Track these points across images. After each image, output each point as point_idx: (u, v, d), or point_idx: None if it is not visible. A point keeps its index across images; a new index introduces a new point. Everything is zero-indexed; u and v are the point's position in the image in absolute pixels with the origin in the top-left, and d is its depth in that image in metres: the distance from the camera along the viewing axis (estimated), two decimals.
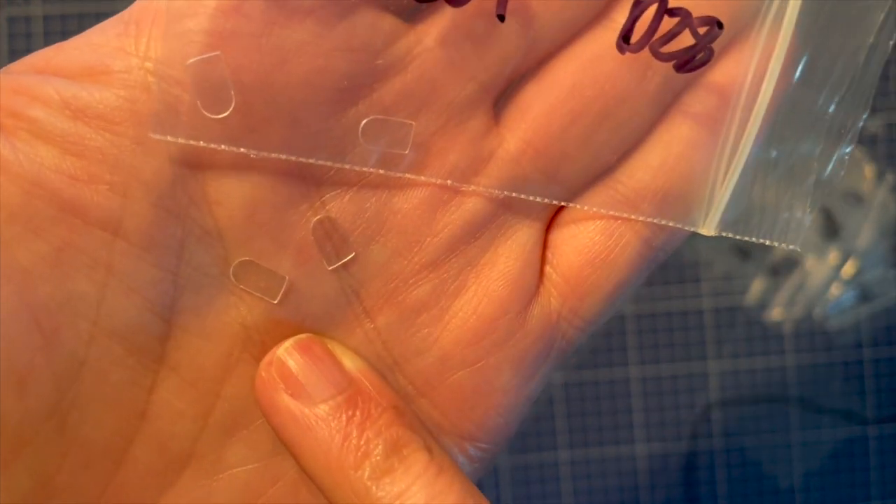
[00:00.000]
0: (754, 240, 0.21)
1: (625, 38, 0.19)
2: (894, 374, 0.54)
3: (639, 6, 0.19)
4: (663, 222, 0.21)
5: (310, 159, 0.20)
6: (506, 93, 0.21)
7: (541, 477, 0.52)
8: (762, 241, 0.21)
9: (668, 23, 0.19)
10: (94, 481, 0.20)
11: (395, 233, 0.21)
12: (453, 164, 0.21)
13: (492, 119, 0.21)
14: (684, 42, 0.19)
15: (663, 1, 0.19)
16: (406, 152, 0.20)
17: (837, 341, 0.53)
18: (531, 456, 0.52)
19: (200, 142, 0.19)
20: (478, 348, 0.21)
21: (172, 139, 0.19)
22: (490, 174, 0.21)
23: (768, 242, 0.21)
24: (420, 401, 0.22)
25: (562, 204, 0.21)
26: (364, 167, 0.20)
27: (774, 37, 0.20)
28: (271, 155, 0.19)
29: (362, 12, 0.19)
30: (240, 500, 0.21)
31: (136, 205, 0.19)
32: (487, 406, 0.22)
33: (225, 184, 0.20)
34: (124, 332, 0.20)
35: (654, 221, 0.21)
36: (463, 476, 0.20)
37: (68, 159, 0.19)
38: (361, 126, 0.20)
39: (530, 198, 0.21)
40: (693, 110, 0.21)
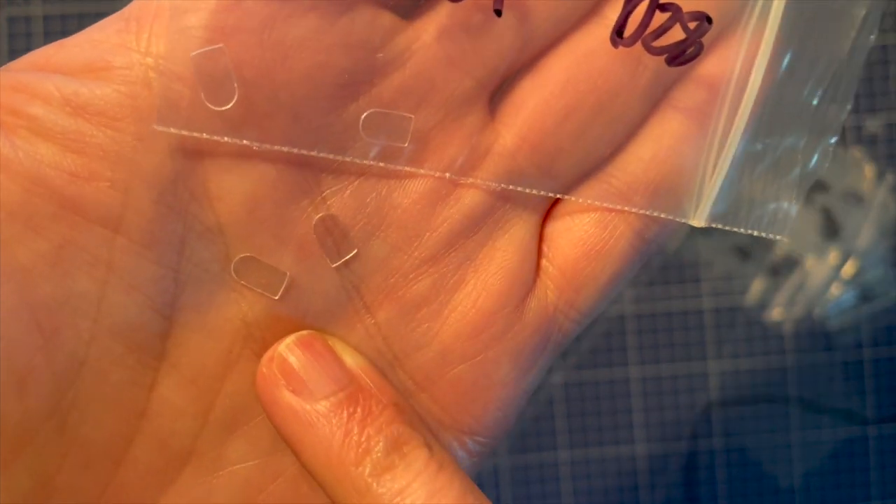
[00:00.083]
0: (742, 231, 0.22)
1: (618, 32, 0.20)
2: (894, 374, 0.54)
3: (631, 1, 0.19)
4: (655, 214, 0.22)
5: (311, 152, 0.20)
6: (501, 89, 0.21)
7: (541, 477, 0.52)
8: (750, 231, 0.22)
9: (659, 18, 0.19)
10: (95, 481, 0.20)
11: (395, 228, 0.21)
12: (451, 158, 0.21)
13: (488, 115, 0.21)
14: (675, 36, 0.20)
15: None
16: (406, 145, 0.20)
17: (837, 341, 0.53)
18: (531, 456, 0.52)
19: (203, 134, 0.19)
20: (477, 342, 0.21)
21: (176, 131, 0.19)
22: (487, 169, 0.21)
23: (756, 233, 0.22)
24: (420, 396, 0.22)
25: (557, 196, 0.22)
26: (364, 160, 0.20)
27: (760, 32, 0.21)
28: (273, 147, 0.20)
29: (361, 9, 0.19)
30: (240, 496, 0.21)
31: (138, 201, 0.19)
32: (486, 400, 0.22)
33: (226, 179, 0.20)
34: (125, 331, 0.20)
35: (647, 213, 0.22)
36: (463, 473, 0.20)
37: (69, 156, 0.19)
38: (362, 119, 0.20)
39: (527, 190, 0.21)
40: (682, 105, 0.21)
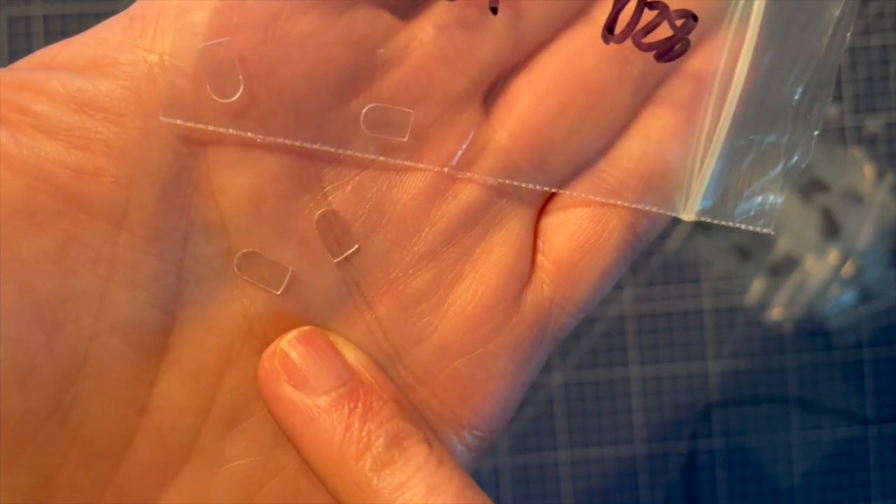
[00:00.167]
0: (730, 224, 0.22)
1: (609, 29, 0.20)
2: (894, 374, 0.54)
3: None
4: (646, 208, 0.22)
5: (314, 145, 0.20)
6: (495, 88, 0.21)
7: (541, 477, 0.52)
8: (738, 225, 0.22)
9: (647, 15, 0.20)
10: (96, 479, 0.20)
11: (395, 223, 0.21)
12: (449, 154, 0.21)
13: (482, 113, 0.21)
14: (663, 34, 0.20)
15: None
16: (405, 139, 0.21)
17: (837, 341, 0.53)
18: (531, 456, 0.52)
19: (209, 126, 0.19)
20: (476, 335, 0.22)
21: (181, 122, 0.19)
22: (483, 164, 0.21)
23: (743, 226, 0.22)
24: (420, 390, 0.22)
25: (551, 191, 0.22)
26: (365, 154, 0.21)
27: (743, 30, 0.21)
28: (277, 140, 0.20)
29: (361, 8, 0.20)
30: (241, 492, 0.22)
31: (141, 196, 0.19)
32: (485, 393, 0.22)
33: (229, 175, 0.20)
34: (127, 327, 0.20)
35: (639, 207, 0.22)
36: (462, 469, 0.20)
37: (73, 153, 0.19)
38: (363, 113, 0.20)
39: (522, 185, 0.22)
40: (670, 102, 0.22)
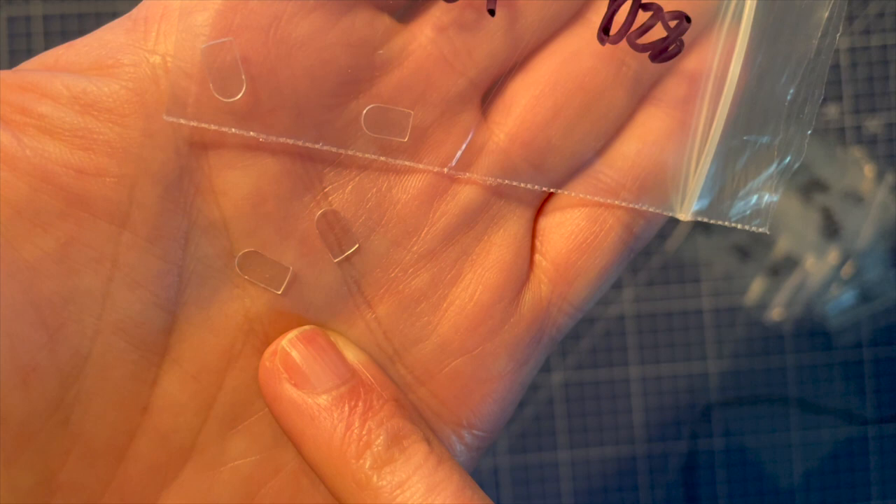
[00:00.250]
0: (725, 224, 0.23)
1: (605, 30, 0.21)
2: (894, 374, 0.54)
3: (616, 1, 0.20)
4: (643, 208, 0.22)
5: (315, 145, 0.20)
6: (492, 89, 0.22)
7: (541, 477, 0.52)
8: (734, 225, 0.23)
9: (642, 17, 0.21)
10: (97, 477, 0.20)
11: (395, 223, 0.21)
12: (447, 155, 0.21)
13: (480, 114, 0.22)
14: (657, 35, 0.21)
15: None
16: (405, 139, 0.21)
17: (837, 341, 0.53)
18: (531, 456, 0.52)
19: (212, 125, 0.19)
20: (475, 335, 0.22)
21: (185, 122, 0.19)
22: (481, 165, 0.21)
23: (739, 226, 0.23)
24: (419, 389, 0.22)
25: (549, 192, 0.22)
26: (365, 153, 0.21)
27: (735, 32, 0.22)
28: (279, 139, 0.20)
29: (361, 10, 0.20)
30: (241, 491, 0.22)
31: (144, 196, 0.19)
32: (484, 392, 0.22)
33: (231, 175, 0.20)
34: (129, 327, 0.20)
35: (636, 207, 0.22)
36: (461, 468, 0.20)
37: (76, 153, 0.19)
38: (364, 113, 0.20)
39: (520, 185, 0.22)
40: (665, 102, 0.22)
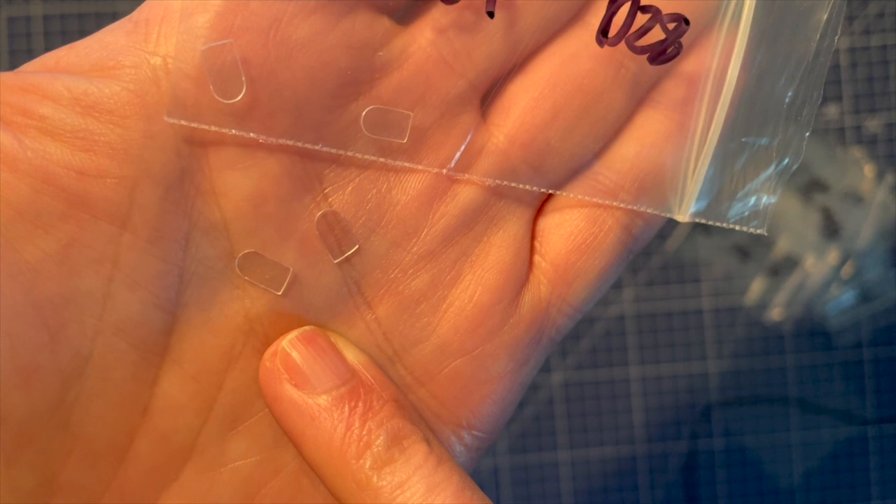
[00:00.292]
0: (724, 225, 0.23)
1: (603, 32, 0.21)
2: (894, 374, 0.54)
3: (615, 3, 0.20)
4: (642, 209, 0.22)
5: (315, 146, 0.20)
6: (491, 91, 0.22)
7: (541, 477, 0.52)
8: (732, 226, 0.23)
9: (640, 19, 0.21)
10: (97, 478, 0.20)
11: (395, 224, 0.21)
12: (447, 156, 0.21)
13: (479, 116, 0.22)
14: (656, 37, 0.21)
15: None
16: (405, 141, 0.21)
17: (837, 341, 0.53)
18: (531, 456, 0.52)
19: (212, 126, 0.19)
20: (475, 336, 0.22)
21: (186, 123, 0.19)
22: (481, 166, 0.22)
23: (737, 227, 0.23)
24: (419, 390, 0.22)
25: (548, 193, 0.22)
26: (365, 155, 0.21)
27: (733, 35, 0.22)
28: (279, 141, 0.20)
29: (361, 12, 0.20)
30: (241, 492, 0.22)
31: (145, 198, 0.19)
32: (484, 393, 0.22)
33: (231, 176, 0.20)
34: (129, 327, 0.20)
35: (635, 208, 0.22)
36: (461, 469, 0.21)
37: (77, 155, 0.19)
38: (363, 114, 0.20)
39: (519, 186, 0.22)
40: (663, 104, 0.22)
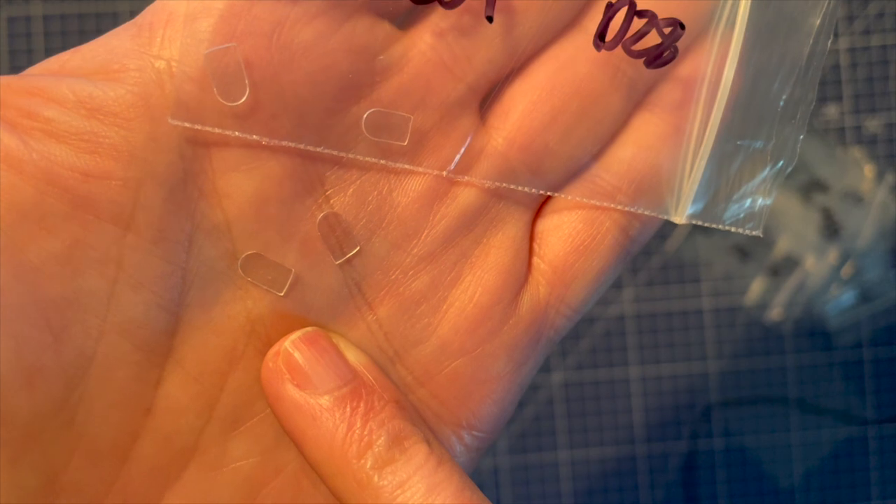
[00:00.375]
0: (720, 227, 0.23)
1: (600, 36, 0.21)
2: (894, 374, 0.54)
3: (612, 8, 0.21)
4: (640, 211, 0.23)
5: (317, 148, 0.20)
6: (490, 95, 0.22)
7: (541, 477, 0.52)
8: (728, 228, 0.23)
9: (637, 23, 0.21)
10: (100, 478, 0.20)
11: (395, 225, 0.22)
12: (447, 159, 0.22)
13: (479, 119, 0.22)
14: (652, 41, 0.21)
15: (633, 3, 0.21)
16: (405, 143, 0.21)
17: (837, 341, 0.53)
18: (531, 456, 0.52)
19: (216, 128, 0.20)
20: (474, 336, 0.22)
21: (189, 125, 0.19)
22: (480, 168, 0.22)
23: (733, 229, 0.23)
24: (419, 390, 0.22)
25: (547, 195, 0.23)
26: (366, 157, 0.21)
27: (727, 39, 0.22)
28: (282, 142, 0.20)
29: (362, 17, 0.20)
30: (243, 492, 0.22)
31: (148, 199, 0.19)
32: (483, 393, 0.22)
33: (234, 177, 0.20)
34: (132, 328, 0.20)
35: (633, 210, 0.23)
36: (461, 469, 0.21)
37: (82, 156, 0.19)
38: (364, 117, 0.21)
39: (518, 188, 0.22)
40: (660, 107, 0.23)
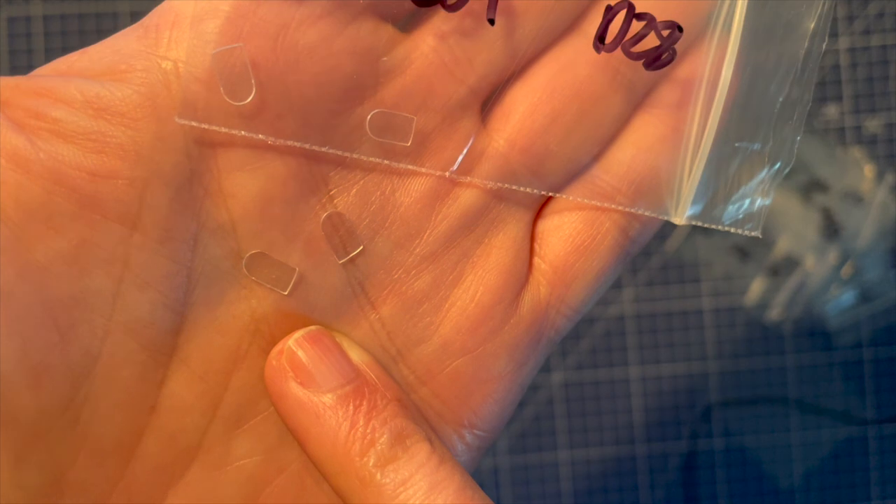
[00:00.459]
0: (719, 227, 0.23)
1: (600, 38, 0.21)
2: (894, 374, 0.54)
3: (611, 10, 0.21)
4: (640, 212, 0.23)
5: (322, 148, 0.21)
6: (491, 98, 0.22)
7: (541, 477, 0.52)
8: (727, 228, 0.23)
9: (636, 26, 0.21)
10: (105, 477, 0.21)
11: (398, 225, 0.22)
12: (449, 160, 0.22)
13: (480, 121, 0.22)
14: (651, 44, 0.21)
15: (632, 6, 0.21)
16: (408, 144, 0.21)
17: (837, 341, 0.54)
18: (531, 456, 0.52)
19: (222, 127, 0.20)
20: (476, 335, 0.22)
21: (197, 124, 0.19)
22: (481, 170, 0.22)
23: (732, 230, 0.23)
24: (421, 389, 0.22)
25: (547, 196, 0.23)
26: (370, 157, 0.21)
27: (724, 42, 0.22)
28: (287, 142, 0.20)
29: (365, 19, 0.20)
30: (246, 491, 0.22)
31: (155, 198, 0.19)
32: (485, 392, 0.23)
33: (239, 177, 0.20)
34: (138, 327, 0.20)
35: (632, 211, 0.23)
36: (462, 468, 0.21)
37: (89, 156, 0.19)
38: (368, 118, 0.21)
39: (519, 189, 0.22)
40: (658, 109, 0.23)
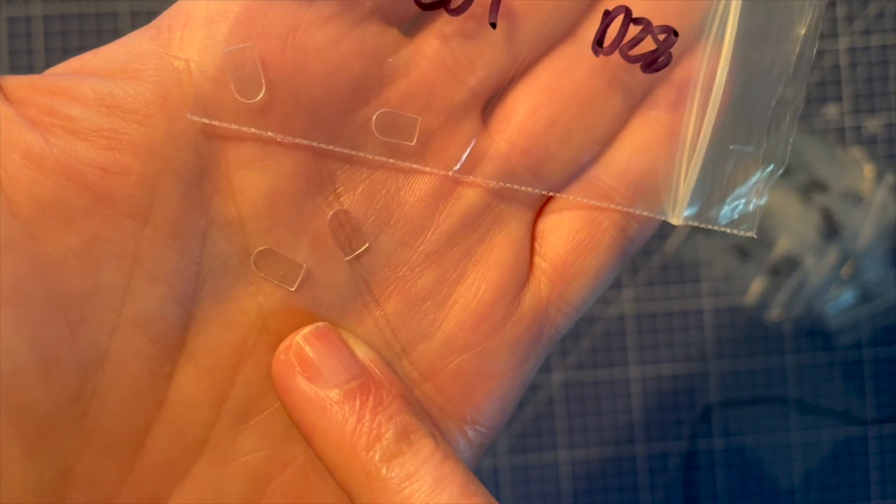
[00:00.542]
0: (715, 228, 0.24)
1: (598, 42, 0.22)
2: (894, 374, 0.54)
3: (608, 15, 0.21)
4: (638, 212, 0.23)
5: (329, 146, 0.21)
6: (492, 100, 0.23)
7: (541, 477, 0.52)
8: (723, 229, 0.24)
9: (633, 30, 0.22)
10: (113, 471, 0.21)
11: (403, 223, 0.22)
12: (452, 159, 0.22)
13: (481, 122, 0.22)
14: (648, 47, 0.22)
15: (629, 11, 0.21)
16: (413, 143, 0.22)
17: (837, 341, 0.54)
18: (531, 456, 0.52)
19: (233, 124, 0.20)
20: (478, 332, 0.23)
21: (208, 121, 0.20)
22: (483, 170, 0.22)
23: (728, 230, 0.24)
24: (425, 385, 0.23)
25: (548, 195, 0.23)
26: (376, 156, 0.21)
27: (718, 47, 0.23)
28: (295, 140, 0.21)
29: (371, 22, 0.21)
30: (252, 486, 0.22)
31: (166, 194, 0.20)
32: (487, 389, 0.23)
33: (247, 174, 0.21)
34: (147, 322, 0.20)
35: (630, 211, 0.23)
36: (465, 465, 0.21)
37: (102, 153, 0.19)
38: (374, 117, 0.21)
39: (521, 188, 0.23)
40: (655, 111, 0.23)
